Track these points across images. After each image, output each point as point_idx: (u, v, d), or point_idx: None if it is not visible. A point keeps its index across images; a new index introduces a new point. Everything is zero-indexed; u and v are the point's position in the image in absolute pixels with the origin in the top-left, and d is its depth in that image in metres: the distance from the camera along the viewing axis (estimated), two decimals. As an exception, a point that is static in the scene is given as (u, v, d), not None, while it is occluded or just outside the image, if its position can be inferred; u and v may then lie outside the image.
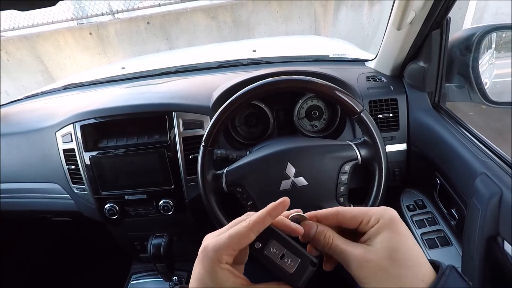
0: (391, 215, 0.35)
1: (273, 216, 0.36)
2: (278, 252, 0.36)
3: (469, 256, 0.70)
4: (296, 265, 0.35)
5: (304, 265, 0.35)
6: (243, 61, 1.39)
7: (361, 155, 0.79)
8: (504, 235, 0.61)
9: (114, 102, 1.06)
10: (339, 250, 0.35)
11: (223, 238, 0.35)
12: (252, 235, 0.35)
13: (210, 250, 0.34)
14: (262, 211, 0.36)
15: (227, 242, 0.34)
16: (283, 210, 0.37)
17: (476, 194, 0.68)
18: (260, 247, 0.36)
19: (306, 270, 0.35)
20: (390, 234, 0.34)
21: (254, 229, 0.35)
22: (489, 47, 1.09)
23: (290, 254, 0.36)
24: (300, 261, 0.36)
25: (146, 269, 1.27)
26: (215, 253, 0.34)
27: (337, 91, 0.78)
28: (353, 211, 0.37)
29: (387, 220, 0.35)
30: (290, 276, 0.35)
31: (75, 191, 1.05)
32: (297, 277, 0.35)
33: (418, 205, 1.02)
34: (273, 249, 0.36)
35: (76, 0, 4.20)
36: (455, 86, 1.01)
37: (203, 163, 0.80)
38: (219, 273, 0.34)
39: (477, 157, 0.74)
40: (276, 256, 0.36)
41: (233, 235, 0.35)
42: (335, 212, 0.38)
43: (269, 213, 0.36)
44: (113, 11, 4.27)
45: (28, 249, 1.50)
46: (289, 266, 0.35)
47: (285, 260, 0.36)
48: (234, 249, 0.35)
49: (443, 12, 0.82)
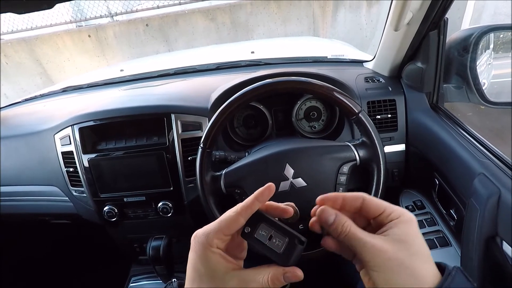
0: (412, 216, 0.36)
1: (260, 200, 0.38)
2: (266, 234, 0.37)
3: (468, 257, 0.69)
4: (284, 245, 0.36)
5: (292, 244, 0.36)
6: (242, 62, 1.39)
7: (359, 156, 0.79)
8: (503, 235, 0.61)
9: (113, 104, 1.06)
10: (356, 237, 0.35)
11: (213, 223, 0.36)
12: (241, 219, 0.36)
13: (201, 235, 0.36)
14: (250, 196, 0.38)
15: (217, 226, 0.36)
16: (270, 195, 0.38)
17: (475, 194, 0.68)
18: (250, 231, 0.37)
19: (295, 248, 0.36)
20: (408, 229, 0.34)
21: (242, 213, 0.36)
22: (487, 48, 1.09)
23: (278, 234, 0.37)
24: (287, 240, 0.36)
25: (146, 271, 1.27)
26: (205, 237, 0.35)
27: (335, 92, 0.78)
28: (378, 201, 0.37)
29: (407, 218, 0.35)
30: (279, 256, 0.36)
31: (74, 193, 1.05)
32: (286, 257, 0.36)
33: (417, 205, 1.01)
34: (261, 231, 0.37)
35: (75, 0, 4.19)
36: (453, 86, 1.02)
37: (202, 164, 0.80)
38: (210, 257, 0.35)
39: (476, 158, 0.74)
40: (265, 238, 0.37)
41: (222, 220, 0.36)
42: (361, 196, 0.38)
43: (256, 198, 0.38)
44: (112, 13, 4.28)
45: (27, 252, 1.50)
46: (278, 246, 0.36)
47: (273, 240, 0.37)
48: (224, 233, 0.36)
49: (440, 13, 0.82)
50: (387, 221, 0.36)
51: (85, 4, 4.26)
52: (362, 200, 0.37)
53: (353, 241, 0.35)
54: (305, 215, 0.81)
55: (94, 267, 1.59)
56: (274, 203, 0.40)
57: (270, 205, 0.40)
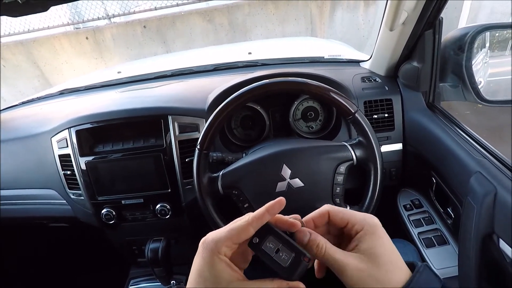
0: (374, 222, 0.38)
1: (271, 213, 0.39)
2: (274, 247, 0.38)
3: (465, 255, 0.70)
4: (290, 259, 0.37)
5: (298, 259, 0.37)
6: (239, 63, 1.39)
7: (356, 155, 0.79)
8: (499, 233, 0.62)
9: (110, 106, 1.06)
10: (332, 259, 0.37)
11: (224, 231, 0.37)
12: (251, 230, 0.37)
13: (210, 241, 0.36)
14: (261, 208, 0.39)
15: (227, 234, 0.37)
16: (280, 208, 0.39)
17: (471, 192, 0.69)
18: (258, 242, 0.38)
19: (300, 264, 0.37)
20: (374, 240, 0.37)
21: (253, 224, 0.37)
22: (483, 46, 1.09)
23: (285, 249, 0.38)
24: (294, 256, 0.37)
25: (144, 274, 1.26)
26: (214, 244, 0.36)
27: (332, 92, 0.78)
28: (341, 213, 0.40)
29: (370, 227, 0.37)
30: (284, 270, 0.37)
31: (72, 196, 1.05)
32: (291, 271, 0.37)
33: (414, 204, 1.02)
34: (269, 244, 0.38)
35: (72, 1, 4.18)
36: (449, 85, 1.02)
37: (199, 166, 0.80)
38: (217, 264, 0.36)
39: (472, 156, 0.74)
40: (272, 251, 0.38)
41: (233, 228, 0.37)
42: (326, 211, 0.40)
43: (267, 210, 0.38)
44: (109, 15, 4.27)
45: (25, 255, 1.49)
46: (284, 260, 0.37)
47: (280, 254, 0.37)
48: (233, 241, 0.37)
49: (435, 12, 0.83)
50: (353, 233, 0.38)
51: (83, 6, 4.25)
52: (328, 214, 0.40)
53: (331, 262, 0.37)
54: (303, 215, 0.81)
55: (93, 270, 1.58)
56: (283, 216, 0.41)
57: (279, 219, 0.40)
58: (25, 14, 0.63)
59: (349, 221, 0.38)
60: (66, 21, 4.33)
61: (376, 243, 0.36)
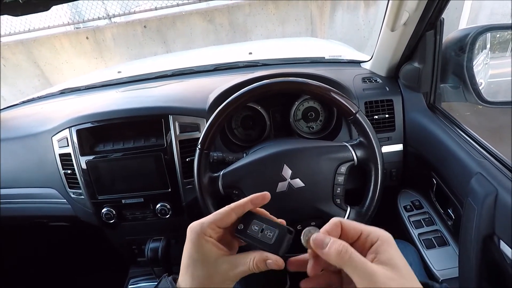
0: (388, 234, 0.37)
1: (253, 203, 0.42)
2: (258, 228, 0.40)
3: (466, 256, 0.70)
4: (275, 235, 0.39)
5: (282, 234, 0.40)
6: (240, 63, 1.40)
7: (357, 156, 0.79)
8: (500, 235, 0.62)
9: (110, 106, 1.06)
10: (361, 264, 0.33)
11: (208, 216, 0.40)
12: (233, 215, 0.40)
13: (196, 225, 0.39)
14: (245, 198, 0.42)
15: (211, 218, 0.40)
16: (263, 202, 0.42)
17: (472, 193, 0.69)
18: (243, 228, 0.41)
19: (285, 238, 0.39)
20: (393, 251, 0.35)
21: (235, 210, 0.40)
22: (484, 47, 1.10)
23: (269, 227, 0.40)
24: (278, 231, 0.40)
25: (144, 273, 1.26)
26: (199, 226, 0.39)
27: (332, 92, 0.78)
28: (354, 223, 0.38)
29: (386, 238, 0.36)
30: (271, 246, 0.39)
31: (72, 195, 1.05)
32: (277, 246, 0.39)
33: (415, 205, 1.02)
34: (254, 227, 0.41)
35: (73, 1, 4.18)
36: (450, 86, 1.02)
37: (199, 166, 0.80)
38: (203, 245, 0.38)
39: (473, 157, 0.74)
40: (257, 232, 0.40)
41: (217, 213, 0.40)
42: (338, 221, 0.38)
43: (250, 200, 0.41)
44: (110, 15, 4.27)
45: (25, 254, 1.49)
46: (269, 238, 0.39)
47: (265, 232, 0.40)
48: (217, 224, 0.40)
49: (437, 13, 0.83)
50: (367, 245, 0.36)
51: (83, 6, 4.25)
52: (340, 224, 0.38)
53: (355, 268, 0.33)
54: (303, 215, 0.81)
55: (93, 269, 1.58)
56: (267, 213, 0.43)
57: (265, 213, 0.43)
58: (27, 13, 0.63)
59: (362, 232, 0.37)
60: (67, 21, 4.34)
61: (395, 255, 0.35)
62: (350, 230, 0.37)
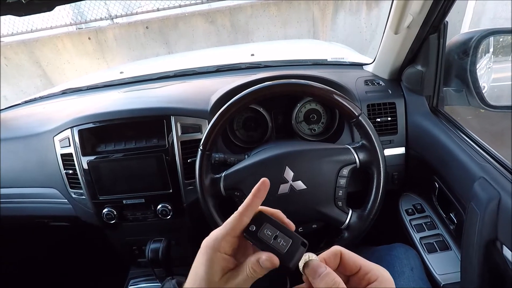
0: (389, 276, 0.36)
1: (259, 196, 0.40)
2: (271, 234, 0.39)
3: (468, 261, 0.69)
4: (288, 245, 0.38)
5: (296, 245, 0.38)
6: (242, 65, 1.39)
7: (359, 158, 0.79)
8: (503, 240, 0.61)
9: (112, 106, 1.06)
10: None
11: (219, 228, 0.39)
12: (244, 219, 0.39)
13: (210, 241, 0.38)
14: (249, 196, 0.40)
15: (223, 230, 0.38)
16: (266, 189, 0.40)
17: (475, 198, 0.68)
18: (255, 230, 0.39)
19: (298, 250, 0.37)
20: None
21: (244, 213, 0.39)
22: (487, 51, 1.09)
23: (283, 236, 0.38)
24: (292, 242, 0.38)
25: (144, 274, 1.26)
26: (213, 242, 0.38)
27: (335, 94, 0.78)
28: (354, 256, 0.37)
29: (386, 280, 0.35)
30: (282, 256, 0.37)
31: (73, 195, 1.05)
32: (289, 257, 0.37)
33: (417, 209, 1.01)
34: (266, 231, 0.39)
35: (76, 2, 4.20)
36: (453, 90, 1.02)
37: (201, 167, 0.80)
38: (215, 264, 0.37)
39: (476, 161, 0.74)
40: (269, 238, 0.38)
41: (227, 222, 0.39)
42: (339, 251, 0.37)
43: (254, 195, 0.39)
44: (112, 16, 4.28)
45: (25, 254, 1.49)
46: (282, 247, 0.38)
47: (278, 240, 0.38)
48: (231, 235, 0.38)
49: (440, 16, 0.82)
50: (364, 282, 0.36)
51: (85, 7, 4.26)
52: (340, 254, 0.37)
53: None
54: (305, 217, 0.81)
55: (93, 269, 1.58)
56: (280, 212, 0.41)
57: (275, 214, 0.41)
58: (30, 13, 0.63)
59: (361, 267, 0.36)
60: (69, 22, 4.35)
61: None
62: (349, 263, 0.37)
